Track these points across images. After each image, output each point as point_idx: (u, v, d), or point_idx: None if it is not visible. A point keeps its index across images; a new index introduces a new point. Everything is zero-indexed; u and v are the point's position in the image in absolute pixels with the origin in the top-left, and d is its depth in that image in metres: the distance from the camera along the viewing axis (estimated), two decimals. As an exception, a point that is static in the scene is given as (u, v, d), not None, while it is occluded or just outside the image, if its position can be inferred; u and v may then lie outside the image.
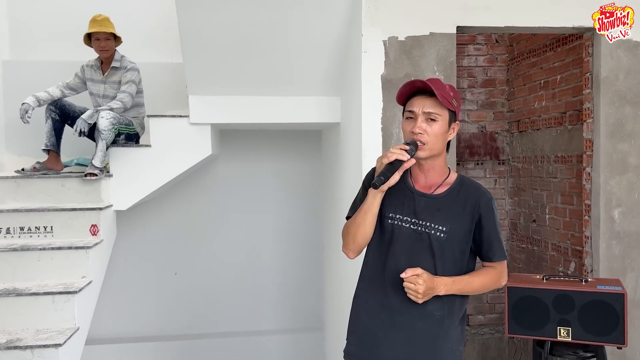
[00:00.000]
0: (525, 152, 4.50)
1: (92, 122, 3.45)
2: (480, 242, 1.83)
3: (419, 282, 1.69)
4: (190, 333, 4.60)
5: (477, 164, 4.77)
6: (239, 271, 4.68)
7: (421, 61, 2.99)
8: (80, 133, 3.42)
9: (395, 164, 1.68)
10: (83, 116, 3.44)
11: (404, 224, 1.80)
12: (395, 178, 1.71)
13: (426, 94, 1.77)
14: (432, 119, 1.76)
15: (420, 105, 1.76)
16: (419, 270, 1.71)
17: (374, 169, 1.91)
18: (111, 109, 3.52)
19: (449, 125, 1.80)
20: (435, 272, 1.79)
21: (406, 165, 1.71)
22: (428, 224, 1.79)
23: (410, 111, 1.79)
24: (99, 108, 3.55)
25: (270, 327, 4.73)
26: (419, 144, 1.75)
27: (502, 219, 4.85)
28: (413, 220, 1.80)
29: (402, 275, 1.72)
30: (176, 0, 3.01)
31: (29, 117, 3.48)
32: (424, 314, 1.79)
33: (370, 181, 1.79)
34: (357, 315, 1.90)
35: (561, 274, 3.78)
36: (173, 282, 4.59)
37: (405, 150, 1.70)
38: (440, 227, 1.79)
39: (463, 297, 1.86)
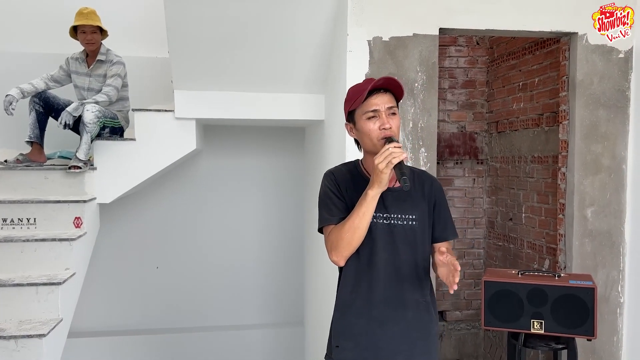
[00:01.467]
0: (503, 152, 4.61)
1: (77, 114, 3.45)
2: (437, 223, 1.94)
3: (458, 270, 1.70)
4: (171, 327, 4.62)
5: (457, 163, 4.87)
6: (221, 266, 4.71)
7: (404, 61, 3.06)
8: (65, 126, 3.43)
9: (402, 162, 1.70)
10: (68, 109, 3.44)
11: (378, 220, 1.83)
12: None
13: (380, 91, 1.81)
14: (393, 113, 1.81)
15: (382, 102, 1.80)
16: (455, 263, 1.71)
17: (331, 172, 1.95)
18: (96, 102, 3.53)
19: None
20: (415, 259, 1.87)
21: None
22: (399, 215, 1.86)
23: (373, 110, 1.79)
24: (85, 101, 3.56)
25: (251, 321, 4.77)
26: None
27: (479, 217, 4.97)
28: (385, 215, 1.85)
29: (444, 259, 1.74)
30: (164, -5, 3.04)
31: (13, 109, 3.47)
32: (413, 304, 1.87)
33: (335, 185, 1.87)
34: (347, 319, 1.89)
35: (537, 268, 3.89)
36: (155, 276, 4.61)
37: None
38: (410, 217, 1.87)
39: (432, 279, 1.97)
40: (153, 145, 3.64)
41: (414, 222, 1.87)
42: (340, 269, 1.93)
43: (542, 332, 2.44)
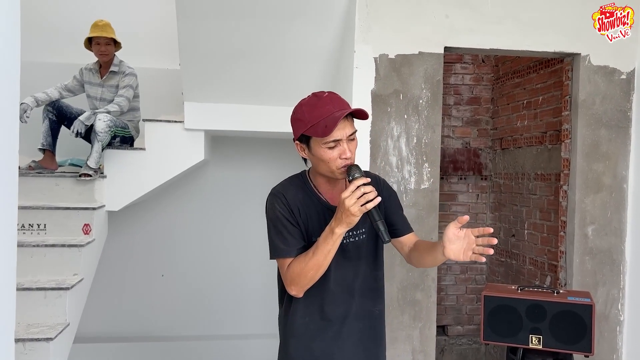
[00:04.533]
0: (507, 169, 4.66)
1: (89, 123, 3.54)
2: (395, 221, 1.89)
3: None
4: (175, 335, 4.67)
5: (461, 178, 4.92)
6: (226, 275, 4.76)
7: (409, 78, 3.13)
8: (77, 134, 3.52)
9: (375, 207, 1.61)
10: (80, 117, 3.53)
11: None
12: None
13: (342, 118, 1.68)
14: (352, 139, 1.72)
15: (343, 131, 1.68)
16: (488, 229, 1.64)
17: (280, 192, 1.82)
18: (108, 112, 3.62)
19: None
20: (366, 272, 1.85)
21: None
22: (350, 233, 1.80)
23: (334, 140, 1.67)
24: (97, 110, 3.65)
25: (254, 331, 4.80)
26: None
27: (483, 232, 4.99)
28: None
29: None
30: (177, 10, 3.12)
31: (28, 117, 3.56)
32: (362, 315, 1.85)
33: (287, 210, 1.75)
34: (303, 344, 1.83)
35: (537, 284, 3.92)
36: (160, 284, 4.66)
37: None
38: (360, 231, 1.82)
39: (383, 285, 1.94)
40: (162, 155, 3.72)
41: (364, 236, 1.83)
42: (283, 289, 1.85)
43: (540, 347, 2.47)
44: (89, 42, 3.83)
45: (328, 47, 3.36)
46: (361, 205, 1.58)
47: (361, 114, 1.73)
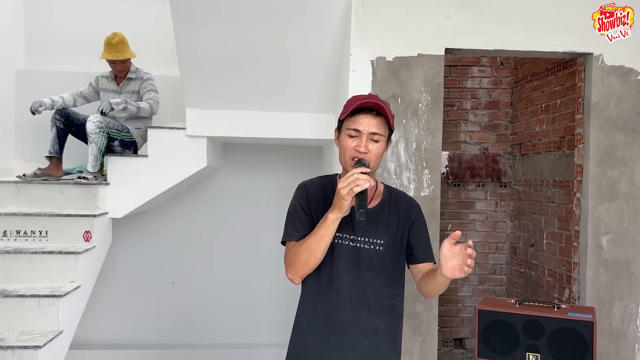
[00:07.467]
0: (526, 175, 4.45)
1: (116, 108, 3.65)
2: (415, 246, 1.85)
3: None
4: (185, 342, 4.64)
5: (478, 185, 4.73)
6: (236, 283, 4.71)
7: (408, 82, 3.01)
8: (102, 112, 3.62)
9: (364, 192, 1.63)
10: (111, 100, 3.64)
11: (344, 242, 1.78)
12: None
13: (372, 113, 1.73)
14: (375, 140, 1.74)
15: (367, 125, 1.73)
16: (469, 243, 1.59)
17: (304, 185, 1.87)
18: (138, 108, 3.73)
19: (387, 143, 1.81)
20: (378, 286, 1.79)
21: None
22: (366, 239, 1.79)
23: (355, 129, 1.73)
24: (114, 100, 3.72)
25: (265, 340, 4.73)
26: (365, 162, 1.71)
27: (502, 242, 4.79)
28: (352, 237, 1.78)
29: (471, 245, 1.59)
30: (172, 17, 3.10)
31: (43, 110, 3.65)
32: (370, 330, 1.78)
33: (305, 200, 1.81)
34: (303, 344, 1.83)
35: (535, 299, 3.71)
36: (170, 291, 4.64)
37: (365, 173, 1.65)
38: (378, 241, 1.79)
39: (401, 307, 1.88)
40: (165, 162, 3.70)
41: (381, 248, 1.79)
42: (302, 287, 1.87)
43: (539, 366, 2.31)
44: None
45: (328, 52, 3.28)
46: (350, 190, 1.59)
47: (384, 111, 1.75)
